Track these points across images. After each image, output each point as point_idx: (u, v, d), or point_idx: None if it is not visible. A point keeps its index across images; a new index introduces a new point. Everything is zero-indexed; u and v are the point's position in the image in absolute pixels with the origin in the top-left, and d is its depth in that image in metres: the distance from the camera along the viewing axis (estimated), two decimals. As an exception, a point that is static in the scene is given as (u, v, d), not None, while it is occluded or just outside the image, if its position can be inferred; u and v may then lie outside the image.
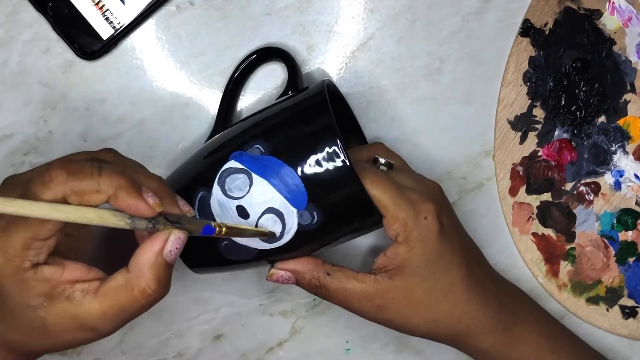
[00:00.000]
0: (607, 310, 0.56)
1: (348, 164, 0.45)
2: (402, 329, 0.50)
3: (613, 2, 0.55)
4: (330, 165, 0.45)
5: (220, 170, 0.47)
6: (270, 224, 0.46)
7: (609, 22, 0.55)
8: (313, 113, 0.47)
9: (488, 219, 0.57)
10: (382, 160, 0.49)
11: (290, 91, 0.52)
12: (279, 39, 0.55)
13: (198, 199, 0.47)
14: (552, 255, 0.56)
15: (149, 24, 0.54)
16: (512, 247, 0.57)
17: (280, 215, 0.46)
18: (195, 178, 0.48)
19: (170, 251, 0.40)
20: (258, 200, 0.46)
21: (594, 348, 0.56)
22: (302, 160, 0.45)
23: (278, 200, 0.46)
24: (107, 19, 0.53)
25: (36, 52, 0.54)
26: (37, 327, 0.40)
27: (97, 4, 0.53)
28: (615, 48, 0.55)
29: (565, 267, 0.56)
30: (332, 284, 0.48)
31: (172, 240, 0.40)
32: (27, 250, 0.39)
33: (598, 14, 0.55)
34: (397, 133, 0.56)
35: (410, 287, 0.48)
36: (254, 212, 0.46)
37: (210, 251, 0.49)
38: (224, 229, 0.42)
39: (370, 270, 0.49)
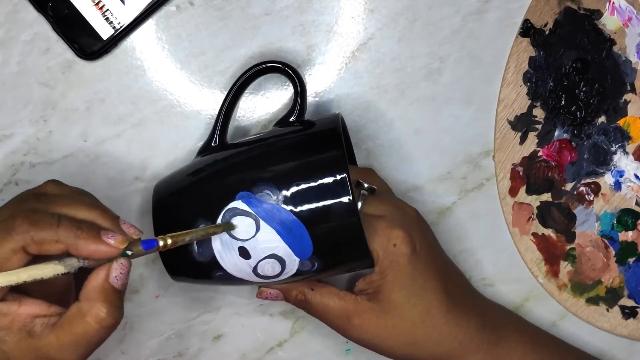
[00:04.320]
0: (607, 310, 0.56)
1: (361, 229, 0.45)
2: (380, 350, 0.51)
3: (613, 2, 0.55)
4: (340, 224, 0.45)
5: (225, 209, 0.46)
6: (270, 266, 0.47)
7: (609, 22, 0.55)
8: (329, 171, 0.45)
9: (488, 219, 0.57)
10: (365, 185, 0.50)
11: (293, 117, 0.51)
12: (279, 38, 0.55)
13: None
14: (552, 255, 0.56)
15: (149, 24, 0.54)
16: (512, 247, 0.57)
17: (282, 261, 0.46)
18: (196, 208, 0.47)
19: (116, 276, 0.41)
20: (262, 246, 0.46)
21: (593, 349, 0.56)
22: (314, 216, 0.45)
23: (283, 249, 0.46)
24: (107, 19, 0.53)
25: (36, 52, 0.54)
26: None
27: (97, 4, 0.53)
28: (615, 48, 0.55)
29: (565, 267, 0.56)
30: (315, 299, 0.50)
31: (116, 267, 0.42)
32: None
33: (598, 14, 0.55)
34: (397, 133, 0.56)
35: (386, 312, 0.49)
36: (256, 254, 0.46)
37: (202, 277, 0.49)
38: (168, 242, 0.43)
39: (352, 290, 0.50)
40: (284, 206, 0.45)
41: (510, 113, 0.56)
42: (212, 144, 0.52)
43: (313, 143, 0.48)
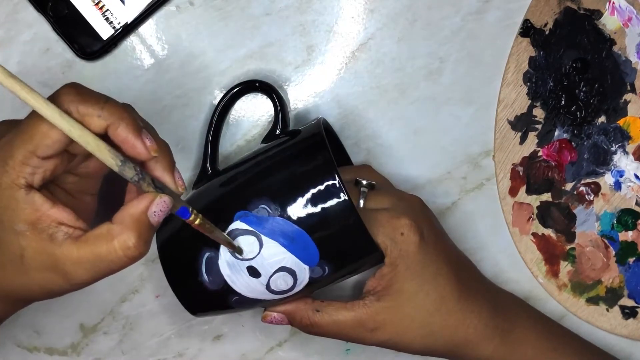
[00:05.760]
0: (607, 310, 0.56)
1: (362, 225, 0.45)
2: (399, 347, 0.50)
3: (613, 2, 0.55)
4: (340, 224, 0.45)
5: (226, 232, 0.46)
6: (282, 280, 0.47)
7: (609, 22, 0.55)
8: (319, 174, 0.46)
9: (488, 219, 0.57)
10: (363, 182, 0.50)
11: (277, 130, 0.52)
12: (278, 38, 0.55)
13: (205, 260, 0.47)
14: (552, 255, 0.56)
15: (149, 24, 0.54)
16: (512, 247, 0.57)
17: (292, 272, 0.46)
18: (198, 238, 0.47)
19: (155, 212, 0.40)
20: (269, 261, 0.46)
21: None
22: (313, 221, 0.45)
23: (290, 260, 0.46)
24: (107, 19, 0.53)
25: (36, 52, 0.54)
26: (14, 258, 0.41)
27: (97, 4, 0.53)
28: (615, 48, 0.55)
29: (565, 267, 0.56)
30: (323, 320, 0.49)
31: (158, 202, 0.40)
32: (24, 165, 0.39)
33: (598, 14, 0.55)
34: (397, 133, 0.56)
35: (400, 305, 0.49)
36: (265, 271, 0.46)
37: (219, 306, 0.49)
38: (197, 220, 0.42)
39: (361, 294, 0.50)
40: (282, 218, 0.45)
41: (510, 113, 0.56)
42: (205, 174, 0.52)
43: (299, 152, 0.48)
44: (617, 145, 0.56)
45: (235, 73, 0.55)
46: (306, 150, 0.47)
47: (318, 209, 0.45)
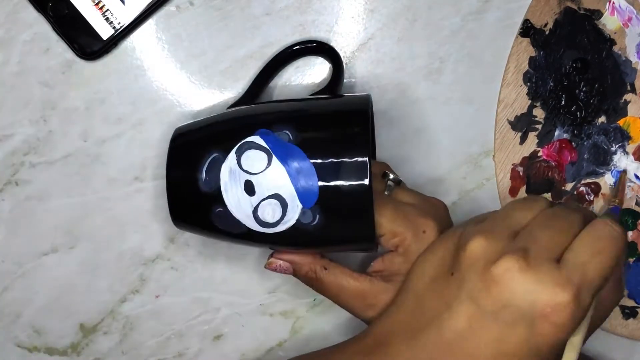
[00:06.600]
0: (607, 310, 0.56)
1: (368, 185, 0.45)
2: None
3: (613, 2, 0.55)
4: (351, 180, 0.45)
5: (242, 141, 0.46)
6: (270, 208, 0.46)
7: (609, 22, 0.55)
8: (352, 126, 0.46)
9: (488, 219, 0.57)
10: (391, 176, 0.50)
11: (328, 92, 0.52)
12: (279, 39, 0.55)
13: (210, 159, 0.47)
14: (552, 255, 0.56)
15: (149, 24, 0.54)
16: (512, 247, 0.57)
17: (284, 205, 0.46)
18: (213, 138, 0.47)
19: None
20: (269, 184, 0.46)
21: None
22: (326, 164, 0.45)
23: (288, 191, 0.46)
24: (107, 19, 0.53)
25: (36, 52, 0.54)
26: None
27: (97, 4, 0.53)
28: (615, 48, 0.55)
29: (565, 267, 0.56)
30: (328, 278, 0.49)
31: None
32: None
33: (598, 14, 0.55)
34: (397, 133, 0.56)
35: None
36: (260, 192, 0.46)
37: (201, 214, 0.48)
38: None
39: (366, 270, 0.49)
40: (300, 149, 0.45)
41: (510, 113, 0.56)
42: (242, 102, 0.53)
43: (341, 103, 0.49)
44: (617, 145, 0.56)
45: (235, 73, 0.55)
46: (348, 106, 0.48)
47: (336, 156, 0.45)
